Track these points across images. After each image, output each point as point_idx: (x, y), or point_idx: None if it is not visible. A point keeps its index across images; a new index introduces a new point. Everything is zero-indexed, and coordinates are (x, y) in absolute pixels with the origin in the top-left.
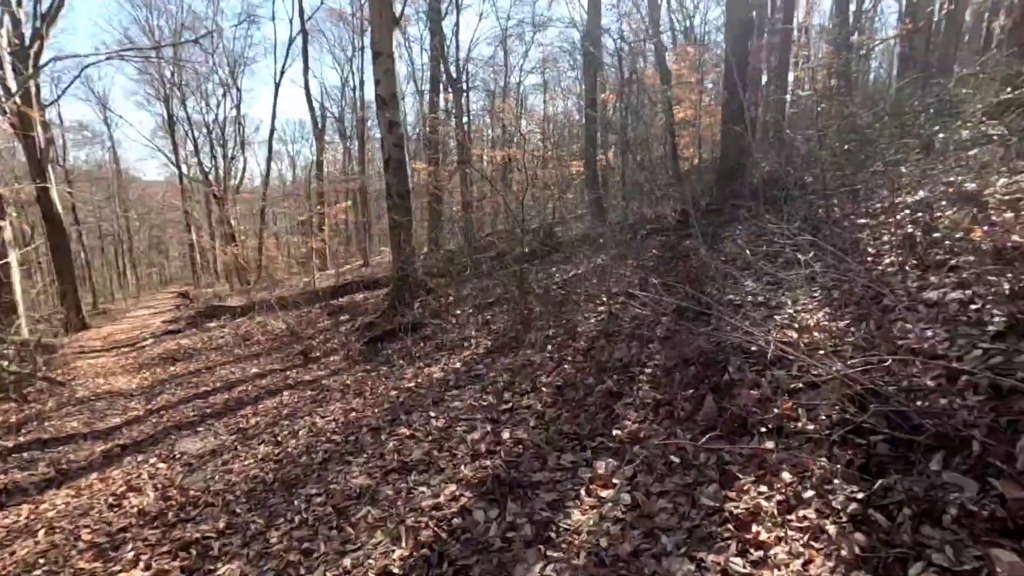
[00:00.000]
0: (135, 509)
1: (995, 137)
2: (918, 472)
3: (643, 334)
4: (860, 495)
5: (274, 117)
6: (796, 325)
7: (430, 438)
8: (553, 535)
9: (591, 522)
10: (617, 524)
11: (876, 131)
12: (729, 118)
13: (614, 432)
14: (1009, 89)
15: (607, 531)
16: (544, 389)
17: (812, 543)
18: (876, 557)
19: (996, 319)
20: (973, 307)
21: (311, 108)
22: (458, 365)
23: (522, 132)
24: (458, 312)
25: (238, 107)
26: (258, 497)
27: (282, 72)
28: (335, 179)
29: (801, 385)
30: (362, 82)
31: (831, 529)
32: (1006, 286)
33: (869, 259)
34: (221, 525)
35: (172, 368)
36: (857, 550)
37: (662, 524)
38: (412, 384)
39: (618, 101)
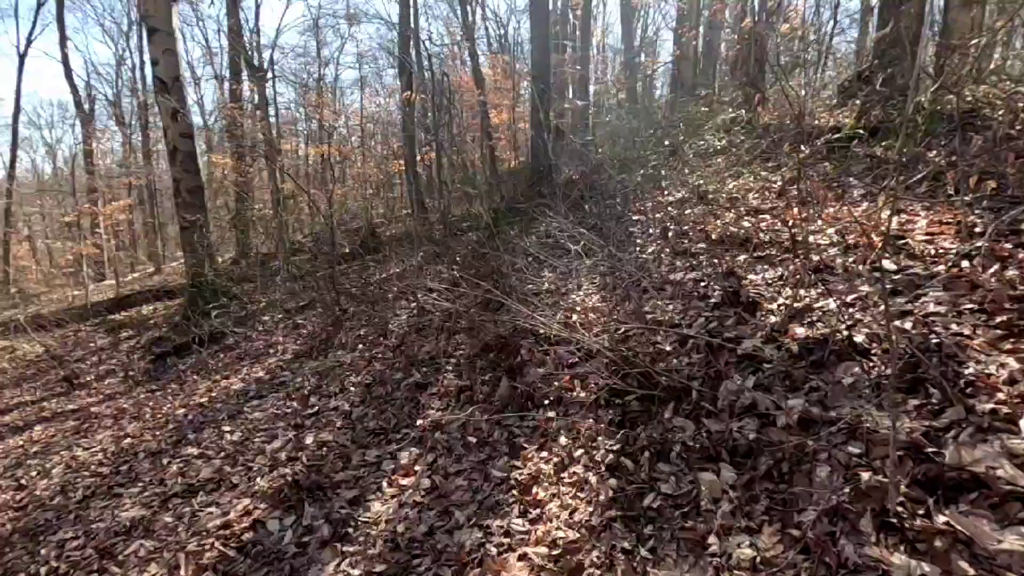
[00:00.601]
0: None
1: (719, 147)
2: (656, 421)
3: (451, 327)
4: (616, 447)
5: (19, 96)
6: (577, 308)
7: (223, 454)
8: (351, 530)
9: (390, 511)
10: (415, 508)
11: (645, 141)
12: (535, 124)
13: (419, 422)
14: (730, 110)
15: (405, 516)
16: (353, 389)
17: (579, 494)
18: (623, 495)
19: (715, 293)
20: (702, 284)
21: (73, 88)
22: (261, 374)
23: (329, 128)
24: (265, 318)
25: None
26: None
27: (28, 42)
28: (112, 173)
29: (577, 359)
30: (143, 62)
31: (593, 479)
32: (723, 267)
33: (637, 249)
34: None
35: None
36: (610, 493)
37: (457, 501)
38: (205, 399)
39: (430, 102)
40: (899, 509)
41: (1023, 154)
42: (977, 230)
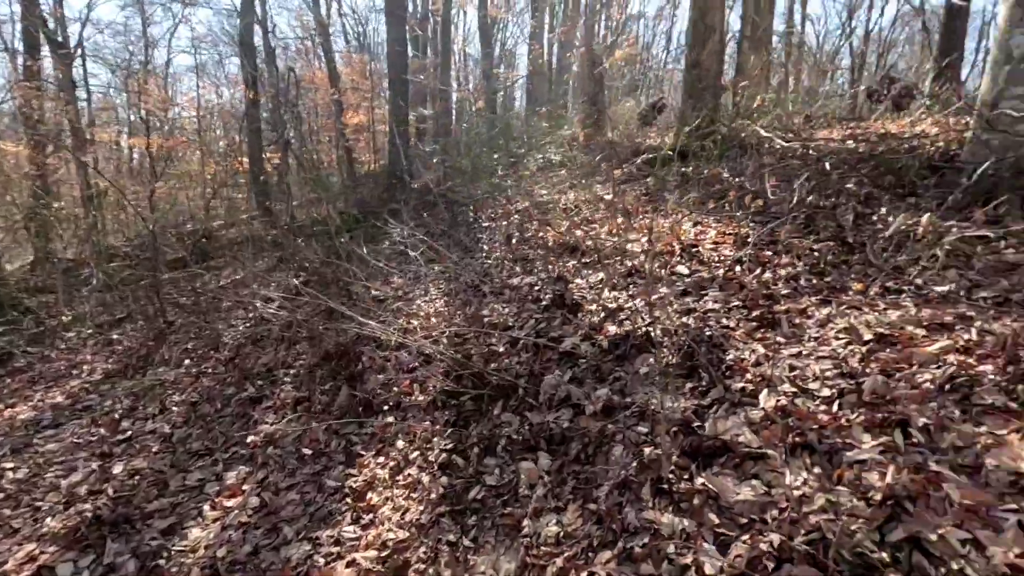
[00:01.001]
0: None
1: (557, 161)
2: (487, 418)
3: (291, 336)
4: (449, 446)
5: None
6: (420, 314)
7: (1, 496)
8: (163, 562)
9: (211, 536)
10: (240, 529)
11: (492, 151)
12: (392, 128)
13: (250, 439)
14: (567, 127)
15: (228, 539)
16: (175, 408)
17: (412, 495)
18: (453, 491)
19: (546, 297)
20: (536, 288)
21: None
22: (60, 399)
23: (157, 118)
24: (70, 335)
25: None
26: None
27: None
28: None
29: (417, 364)
30: None
31: (426, 479)
32: (555, 272)
33: (484, 254)
34: None
35: None
36: (441, 490)
37: (287, 516)
38: None
39: (275, 99)
40: (670, 476)
41: (784, 179)
42: (749, 240)
